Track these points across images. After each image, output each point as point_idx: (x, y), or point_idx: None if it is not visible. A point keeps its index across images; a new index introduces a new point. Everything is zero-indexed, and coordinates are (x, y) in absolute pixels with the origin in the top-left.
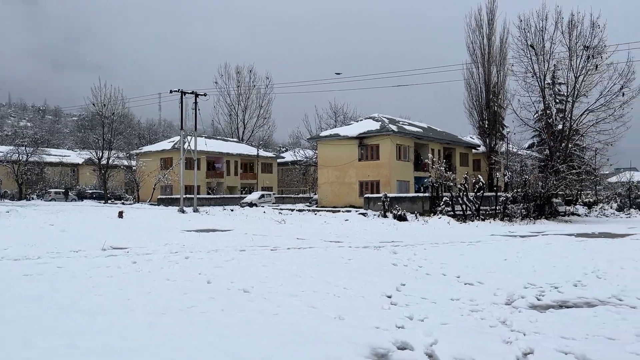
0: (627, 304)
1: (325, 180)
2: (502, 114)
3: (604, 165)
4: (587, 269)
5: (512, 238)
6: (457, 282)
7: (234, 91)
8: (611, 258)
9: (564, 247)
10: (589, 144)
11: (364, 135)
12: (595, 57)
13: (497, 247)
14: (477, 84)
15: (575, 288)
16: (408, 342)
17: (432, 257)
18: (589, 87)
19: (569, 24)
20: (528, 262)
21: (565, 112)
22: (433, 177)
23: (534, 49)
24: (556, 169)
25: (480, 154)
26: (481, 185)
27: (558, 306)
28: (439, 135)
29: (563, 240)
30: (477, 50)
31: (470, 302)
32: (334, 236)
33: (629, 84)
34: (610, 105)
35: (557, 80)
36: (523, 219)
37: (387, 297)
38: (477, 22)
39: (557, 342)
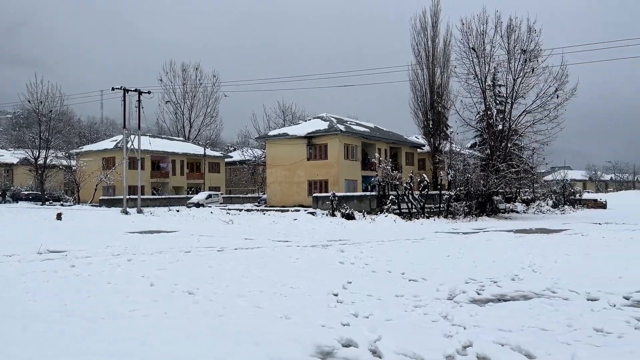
0: (559, 296)
1: (274, 179)
2: (446, 114)
3: (540, 164)
4: (524, 264)
5: (455, 235)
6: (402, 278)
7: (180, 89)
8: (546, 252)
9: (504, 243)
10: (527, 144)
11: (313, 134)
12: (532, 60)
13: (440, 244)
14: (422, 85)
15: (513, 282)
16: (353, 339)
17: (378, 255)
18: (526, 89)
19: (508, 28)
20: (470, 258)
21: (505, 113)
22: (380, 176)
23: (475, 51)
24: (497, 168)
25: (425, 153)
26: (426, 184)
27: (497, 300)
28: (386, 135)
29: (502, 236)
30: (422, 52)
31: (414, 298)
32: (283, 236)
33: (562, 87)
34: (545, 107)
35: (498, 82)
36: (466, 216)
37: (333, 295)
38: (422, 24)
39: (495, 335)
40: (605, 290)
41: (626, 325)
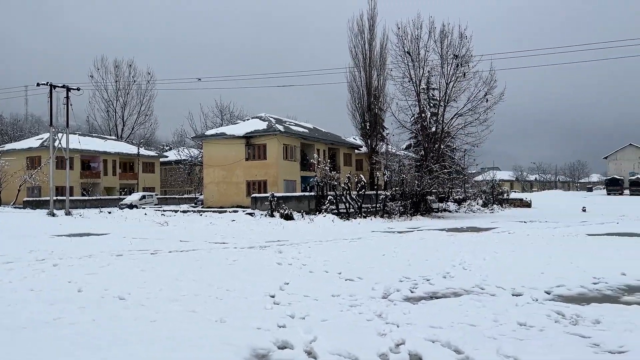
0: (487, 292)
1: (212, 180)
2: (383, 116)
3: (471, 165)
4: (455, 261)
5: (391, 234)
6: (339, 278)
7: (112, 86)
8: (476, 250)
9: (436, 242)
10: (459, 146)
11: (251, 134)
12: (463, 65)
13: (376, 243)
14: (359, 87)
15: (445, 279)
16: (289, 340)
17: (316, 255)
18: (458, 93)
19: (441, 33)
20: (404, 256)
21: (438, 116)
22: (319, 177)
23: (410, 55)
24: (430, 169)
25: (363, 154)
26: (363, 184)
27: (429, 297)
28: (324, 135)
29: (435, 235)
30: (359, 55)
31: (350, 297)
32: (220, 237)
33: (491, 91)
34: (476, 110)
35: (431, 85)
36: (401, 216)
37: (270, 297)
38: (359, 27)
39: (427, 332)
40: (529, 285)
41: (547, 319)
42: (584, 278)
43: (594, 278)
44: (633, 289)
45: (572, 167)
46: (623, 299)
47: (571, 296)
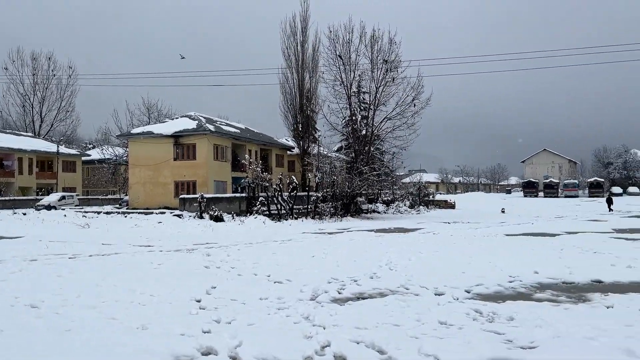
0: (412, 292)
1: (137, 180)
2: (315, 118)
3: (399, 167)
4: (382, 262)
5: (321, 235)
6: (268, 281)
7: (29, 80)
8: (402, 251)
9: (365, 242)
10: (388, 148)
11: (180, 134)
12: (392, 70)
13: (307, 245)
14: (292, 89)
15: (372, 280)
16: (213, 346)
17: (245, 258)
18: (387, 97)
19: (371, 38)
20: (333, 257)
21: (369, 119)
22: (250, 178)
23: (342, 59)
24: (360, 171)
25: (295, 155)
26: (295, 185)
27: (356, 298)
28: (256, 136)
29: (364, 236)
30: (291, 56)
31: (278, 300)
32: (145, 240)
33: (419, 97)
34: (404, 114)
35: (362, 89)
36: (332, 217)
37: (196, 302)
38: (292, 29)
39: (352, 333)
40: (450, 285)
41: (466, 317)
42: (501, 277)
43: (510, 277)
44: (544, 287)
45: (493, 170)
46: (535, 296)
47: (489, 294)
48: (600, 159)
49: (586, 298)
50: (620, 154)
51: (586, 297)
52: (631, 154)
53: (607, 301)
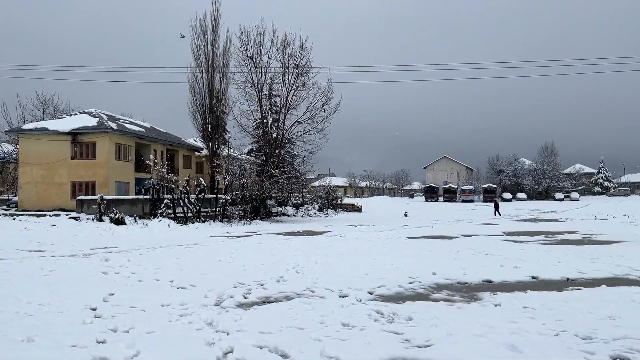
0: (317, 295)
1: (29, 179)
2: (225, 119)
3: (309, 171)
4: (290, 265)
5: (229, 239)
6: (170, 286)
7: None
8: (309, 254)
9: (273, 246)
10: (298, 152)
11: (79, 131)
12: (303, 75)
13: (213, 249)
14: (201, 88)
15: (278, 284)
16: (108, 357)
17: (147, 263)
18: (298, 102)
19: (283, 42)
20: (240, 261)
21: (279, 122)
22: (155, 179)
23: (253, 61)
24: (271, 174)
25: (204, 156)
26: (203, 187)
27: (262, 302)
28: (163, 136)
29: (273, 239)
30: (201, 55)
31: (181, 306)
32: (36, 244)
33: (329, 102)
34: (314, 119)
35: (273, 92)
36: (241, 220)
37: (91, 310)
38: (202, 27)
39: (256, 338)
40: (354, 287)
41: (368, 318)
42: (402, 278)
43: (410, 278)
44: (441, 287)
45: (398, 175)
46: (432, 296)
47: (390, 295)
48: (494, 167)
49: (477, 297)
50: (511, 162)
51: (477, 296)
52: (520, 162)
53: (495, 300)
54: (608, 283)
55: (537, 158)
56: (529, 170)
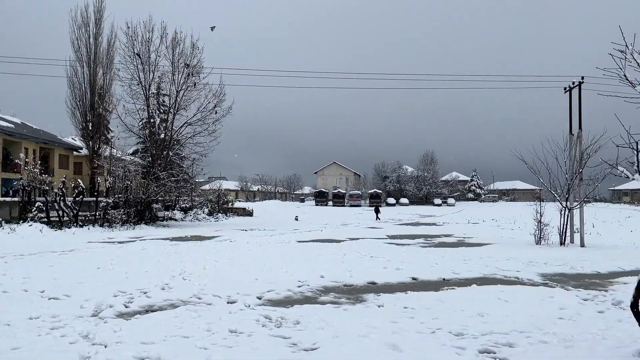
0: (204, 302)
1: None
2: (108, 117)
3: (199, 174)
4: (176, 272)
5: (110, 244)
6: (41, 297)
7: None
8: (197, 259)
9: (158, 252)
10: (188, 154)
11: None
12: (194, 75)
13: (92, 255)
14: (81, 84)
15: (163, 291)
16: None
17: (13, 272)
18: (188, 102)
19: (173, 40)
20: (122, 268)
21: (168, 123)
22: (26, 180)
23: (140, 58)
24: (157, 176)
25: (83, 156)
26: (81, 189)
27: (145, 311)
28: (36, 133)
29: (159, 245)
30: (82, 49)
31: (52, 318)
32: None
33: (220, 104)
34: (205, 121)
35: (162, 91)
36: (123, 225)
37: None
38: (84, 19)
39: (137, 349)
40: (243, 292)
41: (256, 324)
42: (291, 282)
43: (299, 281)
44: (329, 290)
45: (289, 179)
46: (320, 299)
47: (279, 300)
48: (380, 173)
49: (362, 299)
50: (395, 169)
51: (362, 297)
52: (403, 169)
53: (379, 301)
54: (478, 282)
55: (419, 166)
56: (411, 177)
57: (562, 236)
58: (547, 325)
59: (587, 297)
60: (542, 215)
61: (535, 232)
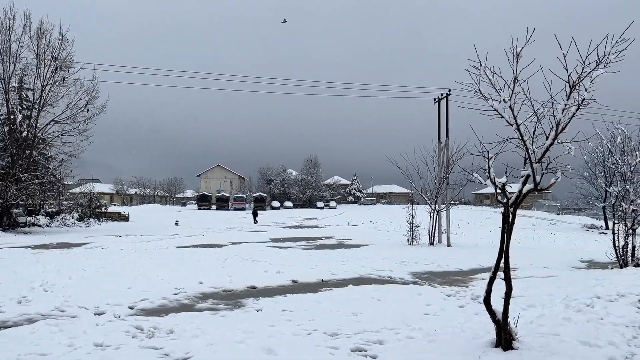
0: (68, 315)
1: None
2: None
3: (68, 176)
4: (36, 283)
5: None
6: None
7: None
8: (62, 269)
9: (16, 261)
10: (55, 154)
11: None
12: (63, 69)
13: None
14: None
15: (20, 305)
16: None
17: None
18: (55, 98)
19: (38, 30)
20: None
21: (32, 120)
22: None
23: None
24: (18, 178)
25: None
26: None
27: None
28: None
29: (17, 254)
30: None
31: None
32: None
33: (93, 101)
34: (75, 119)
35: (25, 85)
36: None
37: None
38: None
39: None
40: (114, 302)
41: (125, 336)
42: (167, 289)
43: (176, 289)
44: (207, 296)
45: (170, 182)
46: (197, 306)
47: (153, 309)
48: (265, 176)
49: (241, 304)
50: (280, 172)
51: (242, 303)
52: (288, 173)
53: (258, 305)
54: (354, 283)
55: (303, 169)
56: (295, 181)
57: (432, 236)
58: (414, 321)
59: (450, 293)
60: (414, 217)
61: (408, 234)
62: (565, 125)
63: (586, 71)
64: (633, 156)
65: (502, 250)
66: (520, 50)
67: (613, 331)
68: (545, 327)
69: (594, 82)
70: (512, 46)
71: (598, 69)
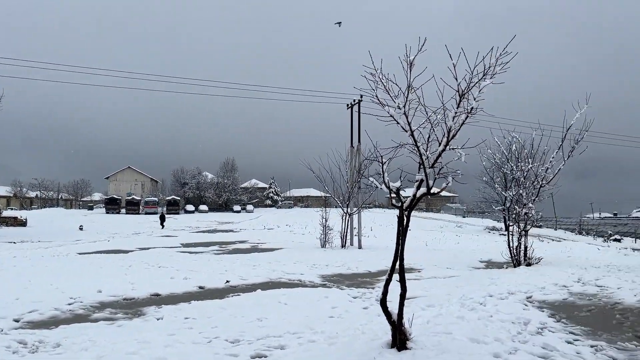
0: None
1: None
2: None
3: None
4: None
5: None
6: None
7: None
8: None
9: None
10: None
11: None
12: None
13: None
14: None
15: None
16: None
17: None
18: None
19: None
20: None
21: None
22: None
23: None
24: None
25: None
26: None
27: None
28: None
29: None
30: None
31: None
32: None
33: None
34: None
35: None
36: None
37: None
38: None
39: None
40: None
41: (5, 351)
42: (61, 299)
43: (71, 298)
44: (105, 305)
45: (76, 185)
46: (93, 316)
47: (42, 321)
48: (179, 179)
49: (142, 312)
50: (195, 175)
51: (142, 311)
52: (203, 175)
53: (159, 313)
54: (263, 287)
55: (219, 172)
56: (211, 184)
57: (343, 239)
58: (318, 324)
59: (357, 295)
60: (327, 221)
61: (321, 237)
62: (455, 132)
63: (474, 81)
64: (525, 163)
65: (397, 252)
66: (413, 58)
67: (500, 328)
68: (440, 326)
69: (481, 92)
70: (406, 54)
71: (485, 79)
